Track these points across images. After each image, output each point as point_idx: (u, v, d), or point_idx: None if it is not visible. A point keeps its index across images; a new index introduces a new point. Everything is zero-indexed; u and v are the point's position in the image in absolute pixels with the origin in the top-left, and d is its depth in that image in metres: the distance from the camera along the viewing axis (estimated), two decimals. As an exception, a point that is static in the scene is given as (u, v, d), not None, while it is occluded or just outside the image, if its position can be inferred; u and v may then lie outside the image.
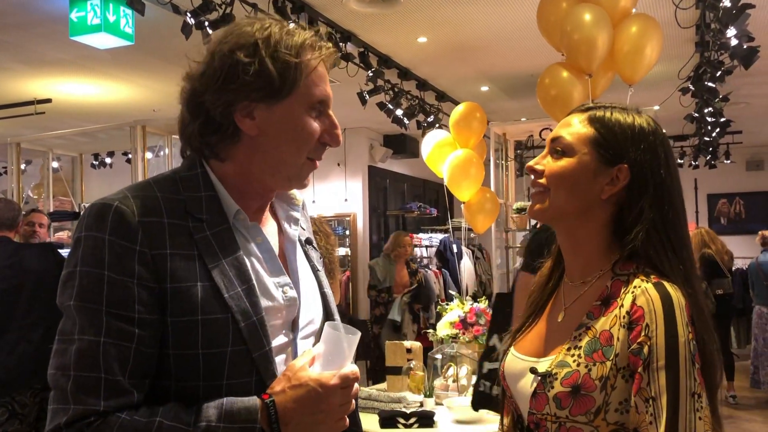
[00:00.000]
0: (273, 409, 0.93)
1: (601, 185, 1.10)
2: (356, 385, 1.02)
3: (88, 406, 0.88)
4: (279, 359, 1.02)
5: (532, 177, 1.17)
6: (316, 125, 1.05)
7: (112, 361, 0.90)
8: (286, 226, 1.15)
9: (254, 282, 1.00)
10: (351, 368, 1.00)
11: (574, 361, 1.05)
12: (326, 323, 1.02)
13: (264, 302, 1.01)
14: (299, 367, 0.98)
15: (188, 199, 1.01)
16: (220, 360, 0.95)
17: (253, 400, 0.94)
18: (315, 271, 1.18)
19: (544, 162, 1.15)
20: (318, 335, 1.12)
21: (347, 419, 1.02)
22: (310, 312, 1.12)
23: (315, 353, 1.01)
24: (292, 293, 1.07)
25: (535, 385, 1.08)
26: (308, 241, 1.22)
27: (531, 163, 1.17)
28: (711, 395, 1.01)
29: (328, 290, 1.19)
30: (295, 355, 1.05)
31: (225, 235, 1.02)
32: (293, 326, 1.07)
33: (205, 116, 1.03)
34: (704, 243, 6.15)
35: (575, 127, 1.14)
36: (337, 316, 1.17)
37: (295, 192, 1.20)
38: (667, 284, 1.03)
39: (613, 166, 1.10)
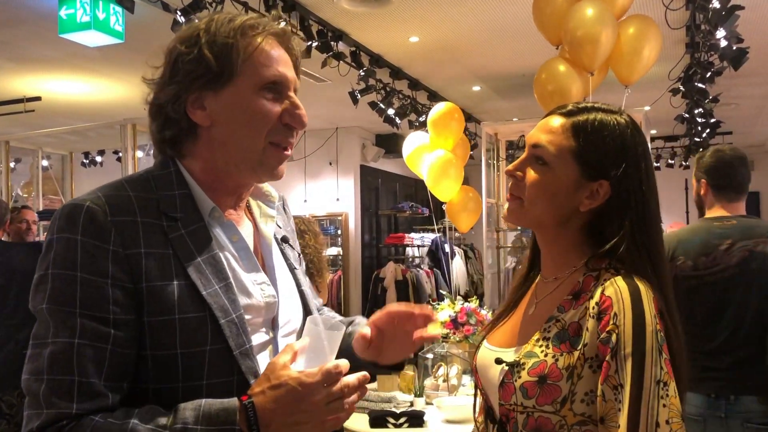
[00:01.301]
0: (252, 411, 0.89)
1: (580, 198, 1.11)
2: (361, 386, 0.97)
3: (60, 409, 0.86)
4: (260, 357, 1.00)
5: (511, 182, 1.18)
6: (270, 106, 1.03)
7: (86, 363, 0.88)
8: (261, 224, 1.14)
9: (231, 280, 0.99)
10: (334, 363, 0.94)
11: (542, 351, 1.06)
12: (308, 318, 0.99)
13: (242, 300, 0.99)
14: (280, 365, 0.93)
15: (161, 197, 1.00)
16: (200, 359, 0.94)
17: (232, 402, 0.90)
18: (292, 269, 1.17)
19: (525, 168, 1.15)
20: (299, 333, 1.10)
21: (342, 418, 0.96)
22: (289, 310, 1.10)
23: (297, 348, 0.97)
24: (270, 291, 1.05)
25: (503, 375, 1.09)
26: (284, 240, 1.20)
27: (510, 167, 1.17)
28: (681, 390, 1.00)
29: (306, 289, 1.17)
30: (276, 354, 1.03)
31: (200, 233, 1.00)
32: (273, 324, 1.06)
33: (164, 116, 1.03)
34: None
35: (558, 137, 1.13)
36: (316, 314, 1.15)
37: (270, 189, 1.19)
38: (635, 277, 1.04)
39: (595, 181, 1.10)
